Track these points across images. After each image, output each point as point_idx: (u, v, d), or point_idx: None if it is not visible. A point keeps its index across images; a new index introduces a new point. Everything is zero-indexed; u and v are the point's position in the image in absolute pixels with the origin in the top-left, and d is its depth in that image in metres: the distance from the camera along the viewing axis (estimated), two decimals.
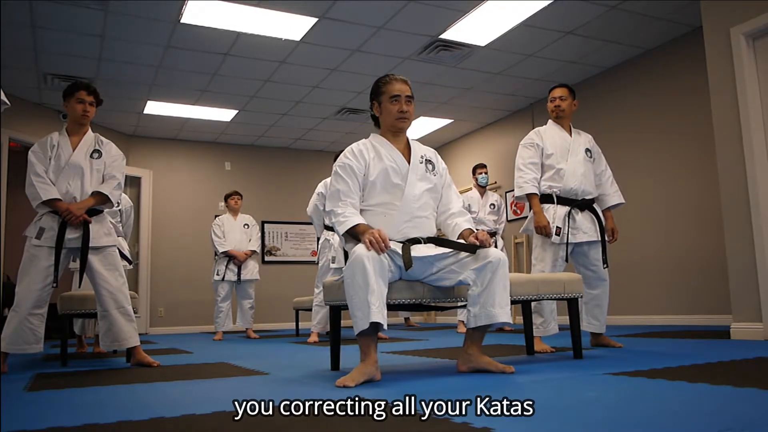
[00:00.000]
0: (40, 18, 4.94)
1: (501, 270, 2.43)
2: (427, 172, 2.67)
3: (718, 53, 4.08)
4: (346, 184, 2.57)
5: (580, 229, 3.47)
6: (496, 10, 5.06)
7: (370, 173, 2.60)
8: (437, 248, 2.52)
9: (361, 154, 2.62)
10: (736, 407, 1.56)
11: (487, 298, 2.41)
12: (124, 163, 3.53)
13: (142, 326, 7.88)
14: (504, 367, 2.43)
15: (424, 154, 2.72)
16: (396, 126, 2.66)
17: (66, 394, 2.30)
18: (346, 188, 2.56)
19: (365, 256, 2.29)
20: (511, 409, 1.53)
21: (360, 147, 2.66)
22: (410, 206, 2.58)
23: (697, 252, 5.39)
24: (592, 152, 3.65)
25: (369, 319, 2.23)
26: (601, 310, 3.55)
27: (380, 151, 2.64)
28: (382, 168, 2.60)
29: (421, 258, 2.47)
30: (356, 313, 2.30)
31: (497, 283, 2.41)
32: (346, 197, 2.54)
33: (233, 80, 6.47)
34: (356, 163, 2.60)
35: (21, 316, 3.17)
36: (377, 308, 2.24)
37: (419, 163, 2.66)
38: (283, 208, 9.08)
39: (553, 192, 3.51)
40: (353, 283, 2.30)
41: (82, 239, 3.27)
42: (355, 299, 2.30)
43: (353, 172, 2.59)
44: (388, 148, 2.65)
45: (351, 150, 2.66)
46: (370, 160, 2.61)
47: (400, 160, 2.63)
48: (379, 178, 2.58)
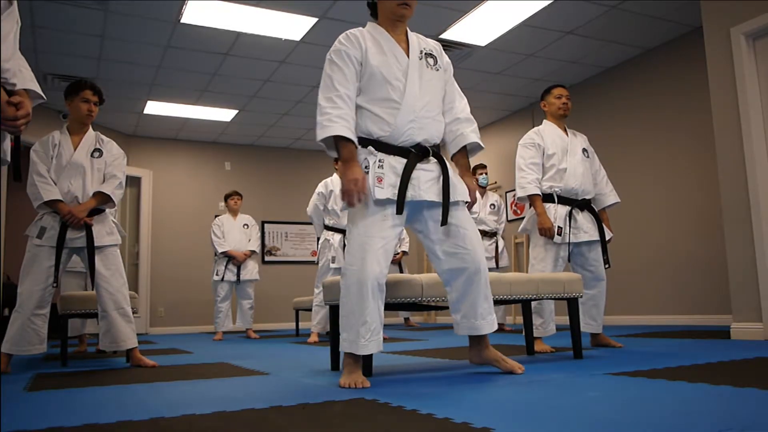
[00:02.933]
0: (40, 18, 4.94)
1: (478, 278, 2.32)
2: (428, 68, 2.37)
3: (718, 53, 4.08)
4: (340, 71, 2.25)
5: (581, 229, 3.47)
6: (496, 10, 5.06)
7: (368, 62, 2.29)
8: (437, 192, 2.30)
9: (357, 40, 2.31)
10: (736, 407, 1.56)
11: (468, 309, 2.35)
12: (125, 162, 3.54)
13: (142, 326, 7.88)
14: (512, 366, 2.37)
15: (424, 47, 2.41)
16: (397, 13, 2.34)
17: (66, 394, 2.30)
18: (341, 76, 2.25)
19: (368, 279, 2.17)
20: (511, 409, 1.53)
21: (356, 33, 2.34)
22: (413, 104, 2.29)
23: (697, 252, 5.39)
24: (588, 152, 3.66)
25: (356, 351, 2.20)
26: (598, 311, 3.55)
27: (379, 41, 2.34)
28: (382, 59, 2.30)
29: (417, 206, 2.32)
30: (343, 334, 2.25)
31: (477, 292, 2.33)
32: (340, 86, 2.23)
33: (233, 80, 6.47)
34: (352, 49, 2.28)
35: (24, 316, 3.17)
36: (366, 341, 2.20)
37: (419, 58, 2.36)
38: (283, 208, 9.08)
39: (554, 191, 3.51)
40: (347, 301, 2.23)
41: (87, 241, 3.27)
42: (345, 321, 2.24)
43: (348, 59, 2.27)
44: (387, 39, 2.35)
45: (345, 35, 2.33)
46: (368, 48, 2.30)
47: (400, 53, 2.34)
48: (378, 70, 2.28)
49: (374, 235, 2.22)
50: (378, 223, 2.24)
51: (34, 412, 1.88)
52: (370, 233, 2.23)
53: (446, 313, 8.56)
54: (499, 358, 2.42)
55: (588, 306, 3.55)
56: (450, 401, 1.81)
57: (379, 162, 2.25)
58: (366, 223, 2.24)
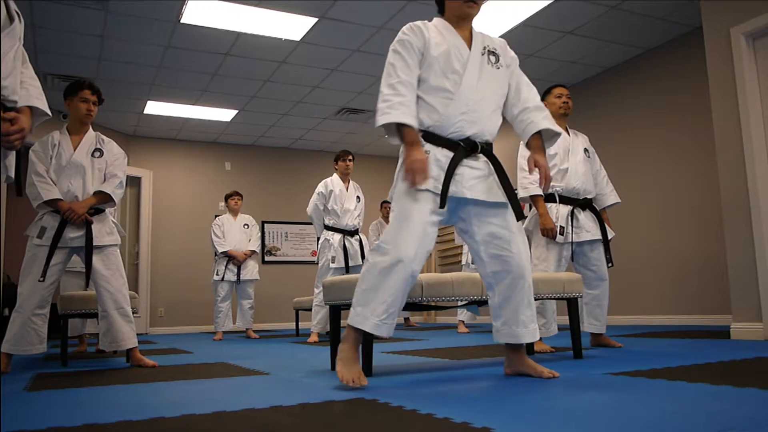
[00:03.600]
0: (40, 18, 4.94)
1: (522, 283, 2.25)
2: (489, 65, 2.33)
3: (718, 53, 4.08)
4: (402, 59, 2.26)
5: (583, 228, 3.48)
6: (496, 10, 5.06)
7: (428, 52, 2.27)
8: (491, 191, 2.25)
9: (420, 31, 2.31)
10: (736, 407, 1.56)
11: (510, 315, 2.28)
12: (125, 162, 3.54)
13: (142, 326, 7.88)
14: (542, 371, 2.25)
15: (488, 44, 2.38)
16: (464, 12, 2.33)
17: (66, 394, 2.30)
18: (402, 64, 2.25)
19: (402, 260, 2.12)
20: (511, 409, 1.53)
21: (419, 24, 2.34)
22: (467, 96, 2.25)
23: (697, 252, 5.39)
24: (589, 152, 3.67)
25: (367, 328, 2.14)
26: (601, 311, 3.55)
27: (443, 33, 2.33)
28: (444, 49, 2.28)
29: (456, 200, 2.25)
30: (357, 308, 2.18)
31: (520, 298, 2.26)
32: (401, 73, 2.23)
33: (233, 80, 6.47)
34: (415, 39, 2.28)
35: (24, 316, 3.17)
36: (381, 321, 2.13)
37: (480, 54, 2.32)
38: (283, 208, 9.08)
39: (556, 191, 3.51)
40: (371, 276, 2.16)
41: (86, 240, 3.27)
42: (363, 295, 2.17)
43: (411, 47, 2.27)
44: (451, 33, 2.33)
45: (409, 26, 2.34)
46: (430, 38, 2.30)
47: (463, 46, 2.31)
48: (439, 59, 2.26)
49: (415, 220, 2.17)
50: (418, 209, 2.19)
51: (34, 412, 1.88)
52: (412, 216, 2.18)
53: (446, 313, 8.57)
54: (531, 366, 2.30)
55: (591, 306, 3.55)
56: (450, 401, 1.81)
57: (425, 153, 2.20)
58: (408, 206, 2.19)
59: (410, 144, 2.17)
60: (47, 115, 1.92)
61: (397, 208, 2.25)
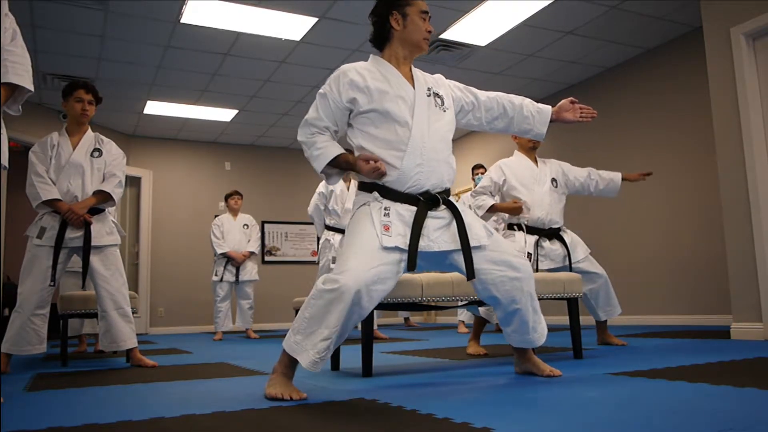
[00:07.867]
0: (40, 18, 4.94)
1: (529, 285, 2.21)
2: (436, 107, 2.22)
3: (718, 53, 4.08)
4: (318, 111, 2.19)
5: (548, 257, 3.55)
6: (496, 10, 5.06)
7: (371, 100, 2.13)
8: (455, 237, 2.13)
9: (352, 83, 2.14)
10: (736, 407, 1.56)
11: (518, 326, 2.25)
12: (124, 162, 3.54)
13: (141, 326, 7.88)
14: (546, 369, 2.28)
15: (432, 86, 2.26)
16: (421, 47, 2.23)
17: (66, 394, 2.30)
18: (319, 114, 2.18)
19: (355, 290, 1.90)
20: (511, 409, 1.53)
21: (352, 73, 2.16)
22: (420, 147, 2.12)
23: (697, 252, 5.39)
24: (557, 181, 3.69)
25: (301, 361, 1.95)
26: (609, 296, 3.60)
27: (386, 77, 2.19)
28: (387, 98, 2.14)
29: (432, 254, 2.15)
30: (297, 336, 1.97)
31: (524, 310, 2.22)
32: (319, 122, 2.18)
33: (233, 80, 6.47)
34: (340, 93, 2.16)
35: (24, 317, 3.17)
36: (318, 358, 1.93)
37: (426, 96, 2.21)
38: (283, 208, 9.08)
39: (522, 221, 3.58)
40: (316, 302, 1.95)
41: (84, 239, 3.27)
42: (305, 323, 1.96)
43: (335, 103, 2.17)
44: (394, 75, 2.20)
45: (336, 77, 2.17)
46: (369, 86, 2.14)
47: (407, 91, 2.18)
48: (383, 110, 2.13)
49: (374, 265, 1.99)
50: (382, 259, 2.02)
51: (34, 412, 1.88)
52: (369, 262, 1.99)
53: (446, 313, 8.56)
54: (538, 366, 2.32)
55: (600, 295, 3.59)
56: (450, 401, 1.81)
57: (385, 210, 2.09)
58: (368, 250, 2.01)
59: (353, 161, 2.17)
60: (29, 90, 1.95)
61: (355, 235, 2.09)
